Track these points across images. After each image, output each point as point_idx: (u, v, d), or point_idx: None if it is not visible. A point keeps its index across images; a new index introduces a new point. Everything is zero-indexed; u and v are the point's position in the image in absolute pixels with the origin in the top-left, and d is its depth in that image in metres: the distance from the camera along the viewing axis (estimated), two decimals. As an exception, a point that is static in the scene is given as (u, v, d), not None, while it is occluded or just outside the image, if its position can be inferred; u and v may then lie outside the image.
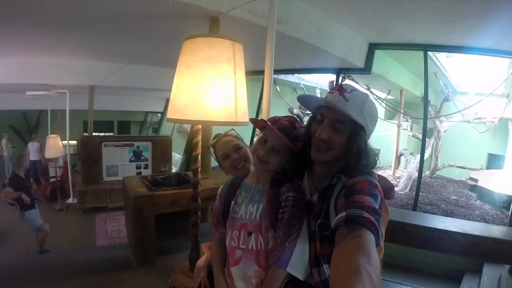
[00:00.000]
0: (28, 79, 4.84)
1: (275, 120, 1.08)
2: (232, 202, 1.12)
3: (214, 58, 1.55)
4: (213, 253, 1.17)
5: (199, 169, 1.92)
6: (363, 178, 0.92)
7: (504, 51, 3.17)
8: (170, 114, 1.62)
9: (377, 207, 0.84)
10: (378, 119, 1.04)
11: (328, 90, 1.04)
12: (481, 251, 2.07)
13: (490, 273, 2.28)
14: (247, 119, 1.67)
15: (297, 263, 0.94)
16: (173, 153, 6.38)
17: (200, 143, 1.87)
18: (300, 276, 0.95)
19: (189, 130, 7.30)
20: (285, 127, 1.05)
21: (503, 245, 2.05)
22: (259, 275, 1.01)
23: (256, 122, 1.13)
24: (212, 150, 1.57)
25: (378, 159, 1.01)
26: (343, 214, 0.80)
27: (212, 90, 1.54)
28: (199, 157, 1.89)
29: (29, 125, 10.86)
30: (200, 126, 1.85)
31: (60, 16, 2.58)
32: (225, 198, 1.15)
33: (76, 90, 5.61)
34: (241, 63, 1.67)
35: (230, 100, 1.58)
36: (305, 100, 1.05)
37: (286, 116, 1.11)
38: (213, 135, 1.64)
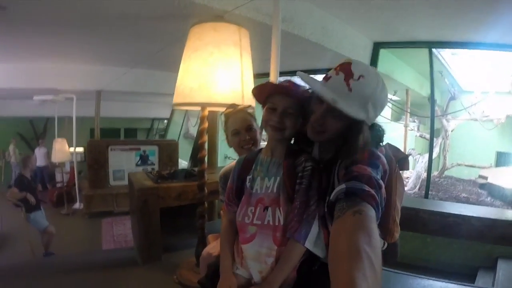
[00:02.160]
0: (35, 84, 4.90)
1: (275, 85, 1.04)
2: (248, 177, 1.07)
3: (221, 41, 1.57)
4: (224, 234, 1.11)
5: (206, 159, 1.89)
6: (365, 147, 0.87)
7: (510, 45, 3.12)
8: (176, 99, 1.62)
9: (378, 177, 0.80)
10: (385, 121, 0.98)
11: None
12: (499, 235, 2.03)
13: (505, 268, 2.21)
14: (254, 103, 1.65)
15: (316, 239, 0.91)
16: (179, 160, 6.36)
17: (205, 132, 1.84)
18: (320, 253, 0.92)
19: (195, 135, 7.31)
20: (287, 88, 0.98)
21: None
22: (275, 253, 0.95)
23: (261, 90, 1.03)
24: (223, 118, 1.52)
25: (382, 134, 0.97)
26: (342, 186, 0.77)
27: (218, 72, 1.54)
28: (206, 145, 1.87)
29: (36, 133, 10.99)
30: (206, 113, 1.83)
31: (66, 18, 2.63)
32: (238, 174, 1.10)
33: (83, 95, 5.66)
34: (247, 47, 1.67)
35: (237, 82, 1.58)
36: (304, 79, 0.93)
37: (284, 80, 1.03)
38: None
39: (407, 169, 1.05)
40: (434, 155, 7.44)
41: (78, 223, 5.43)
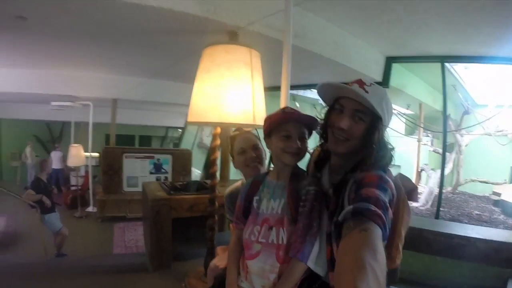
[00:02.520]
0: (53, 90, 5.08)
1: (284, 112, 1.10)
2: (255, 198, 1.14)
3: (232, 63, 1.64)
4: (231, 250, 1.19)
5: (217, 174, 1.96)
6: (374, 172, 0.91)
7: None
8: (190, 118, 1.70)
9: (386, 201, 0.83)
10: (398, 135, 1.03)
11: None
12: (505, 258, 1.99)
13: (516, 289, 2.17)
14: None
15: (318, 258, 0.96)
16: (193, 169, 6.43)
17: (217, 148, 1.92)
18: (320, 272, 0.96)
19: (209, 145, 7.37)
20: (297, 115, 1.07)
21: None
22: (277, 270, 1.01)
23: (274, 119, 1.09)
24: (229, 141, 1.59)
25: (393, 154, 1.01)
26: (350, 207, 0.81)
27: (230, 93, 1.62)
28: (218, 161, 1.94)
29: (52, 136, 11.31)
30: (218, 131, 1.90)
31: (85, 30, 2.73)
32: (246, 195, 1.17)
33: (100, 102, 5.82)
34: (258, 69, 1.74)
35: (248, 103, 1.65)
36: (327, 89, 1.03)
37: (286, 108, 1.14)
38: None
39: (416, 200, 1.11)
40: (448, 170, 7.29)
41: (91, 226, 5.56)
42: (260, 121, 1.67)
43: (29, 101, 7.45)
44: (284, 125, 1.07)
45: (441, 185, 3.99)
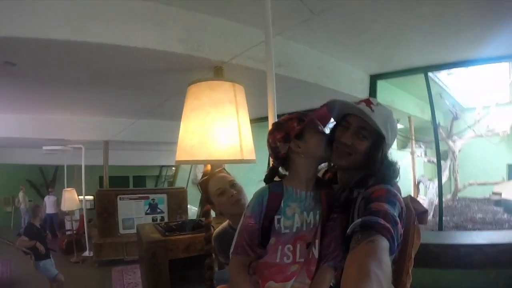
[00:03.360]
0: (45, 134, 5.08)
1: (301, 115, 1.06)
2: (278, 217, 0.99)
3: (217, 100, 1.66)
4: (235, 273, 1.01)
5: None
6: (381, 186, 0.93)
7: (505, 56, 3.18)
8: (178, 156, 1.68)
9: (395, 215, 0.83)
10: (391, 150, 1.07)
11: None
12: None
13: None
14: (253, 157, 1.71)
15: None
16: (189, 206, 6.33)
17: None
18: None
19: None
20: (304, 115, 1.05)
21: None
22: (307, 287, 0.95)
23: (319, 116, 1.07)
24: (200, 187, 1.49)
25: (398, 170, 1.03)
26: (358, 220, 0.81)
27: (216, 130, 1.62)
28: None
29: (46, 180, 11.18)
30: (209, 167, 1.85)
31: (74, 75, 2.77)
32: (265, 214, 1.00)
33: (91, 145, 5.80)
34: (243, 103, 1.75)
35: (235, 138, 1.64)
36: (338, 106, 1.05)
37: (291, 113, 1.09)
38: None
39: (425, 223, 1.09)
40: (445, 178, 7.26)
41: (88, 271, 5.35)
42: (249, 156, 1.67)
43: (21, 146, 7.40)
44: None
45: (440, 194, 3.96)
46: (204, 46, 2.30)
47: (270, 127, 1.82)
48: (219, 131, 1.62)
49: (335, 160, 1.03)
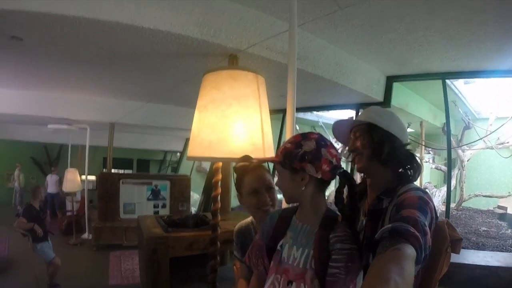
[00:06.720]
0: (50, 112, 4.99)
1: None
2: (281, 242, 0.97)
3: (240, 91, 1.47)
4: None
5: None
6: (414, 193, 0.91)
7: None
8: (192, 152, 1.49)
9: (426, 224, 0.81)
10: None
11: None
12: None
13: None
14: (273, 154, 1.57)
15: None
16: (192, 193, 6.28)
17: (219, 183, 1.75)
18: None
19: (208, 169, 7.22)
20: (288, 150, 0.92)
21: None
22: None
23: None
24: (236, 174, 1.39)
25: (418, 164, 1.05)
26: (388, 225, 0.79)
27: (238, 125, 1.44)
28: (219, 197, 1.79)
29: (49, 158, 11.20)
30: (220, 164, 1.75)
31: (83, 52, 2.67)
32: (272, 236, 0.98)
33: (97, 126, 5.74)
34: (264, 96, 1.60)
35: (257, 135, 1.48)
36: (340, 126, 1.17)
37: (292, 137, 0.97)
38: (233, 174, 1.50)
39: (458, 252, 1.01)
40: (451, 187, 7.18)
41: (86, 254, 5.31)
42: (270, 154, 1.50)
43: (26, 123, 7.35)
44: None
45: (447, 204, 3.85)
46: (220, 32, 2.20)
47: (288, 122, 1.73)
48: (241, 127, 1.44)
49: (357, 169, 1.07)
